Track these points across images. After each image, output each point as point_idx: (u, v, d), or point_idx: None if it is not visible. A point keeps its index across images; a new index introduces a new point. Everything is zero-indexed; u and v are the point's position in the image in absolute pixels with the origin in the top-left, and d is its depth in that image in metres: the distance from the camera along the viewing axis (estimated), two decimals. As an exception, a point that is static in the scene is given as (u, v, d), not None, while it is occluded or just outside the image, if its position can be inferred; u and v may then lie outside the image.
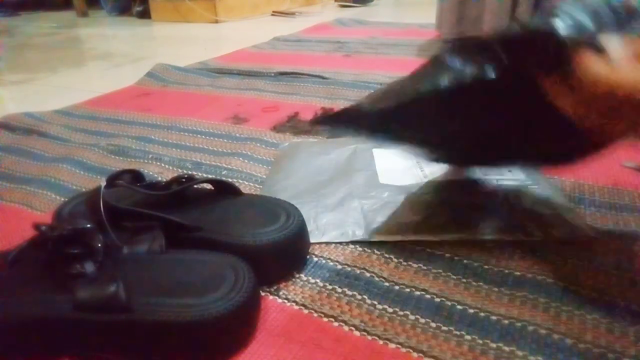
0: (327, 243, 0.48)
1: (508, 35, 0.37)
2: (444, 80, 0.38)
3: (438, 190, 0.56)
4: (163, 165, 0.69)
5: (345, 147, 0.68)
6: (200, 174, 0.65)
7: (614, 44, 0.33)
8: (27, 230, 0.41)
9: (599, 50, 0.33)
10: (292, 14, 2.29)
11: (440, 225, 0.49)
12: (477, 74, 0.36)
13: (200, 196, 0.49)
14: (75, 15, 2.55)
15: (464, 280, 0.42)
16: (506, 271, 0.43)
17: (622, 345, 0.35)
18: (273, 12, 2.33)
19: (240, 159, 0.69)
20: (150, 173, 0.65)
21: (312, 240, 0.48)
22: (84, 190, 0.61)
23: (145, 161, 0.70)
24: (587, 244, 0.46)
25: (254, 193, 0.59)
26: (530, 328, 0.37)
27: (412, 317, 0.39)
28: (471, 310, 0.39)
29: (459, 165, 0.56)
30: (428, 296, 0.41)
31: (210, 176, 0.60)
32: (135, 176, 0.50)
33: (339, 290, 0.42)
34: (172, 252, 0.41)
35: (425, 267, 0.44)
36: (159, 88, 1.10)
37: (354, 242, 0.48)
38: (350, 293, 0.42)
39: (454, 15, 1.36)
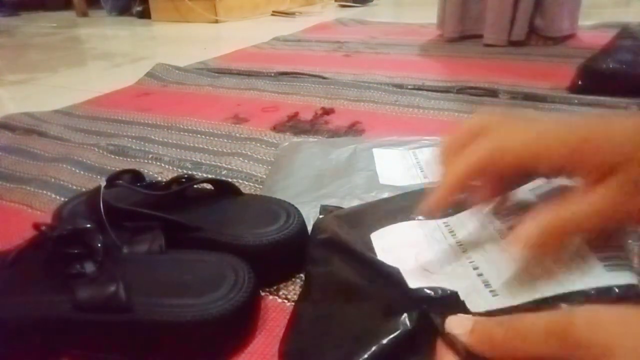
0: (327, 243, 0.48)
1: None
2: None
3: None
4: (163, 165, 0.69)
5: (345, 147, 0.68)
6: (200, 174, 0.65)
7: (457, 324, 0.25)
8: (27, 230, 0.41)
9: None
10: (292, 14, 2.29)
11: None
12: None
13: (200, 196, 0.49)
14: (75, 15, 2.55)
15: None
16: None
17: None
18: (273, 12, 2.33)
19: (240, 159, 0.69)
20: (150, 173, 0.65)
21: (312, 240, 0.48)
22: (84, 190, 0.61)
23: (145, 161, 0.70)
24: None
25: (254, 193, 0.59)
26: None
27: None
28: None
29: None
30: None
31: (210, 176, 0.60)
32: (135, 176, 0.50)
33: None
34: (172, 252, 0.41)
35: (425, 267, 0.44)
36: (159, 88, 1.10)
37: (354, 242, 0.48)
38: (350, 293, 0.42)
39: (456, 14, 1.37)
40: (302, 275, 0.44)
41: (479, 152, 0.28)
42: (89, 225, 0.39)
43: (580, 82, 0.90)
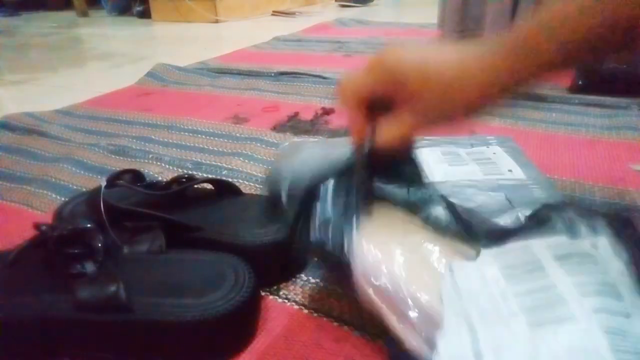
0: (327, 243, 0.48)
1: None
2: None
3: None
4: (163, 165, 0.69)
5: (346, 147, 0.68)
6: (200, 174, 0.64)
7: None
8: (27, 230, 0.41)
9: None
10: (292, 13, 2.29)
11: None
12: None
13: (200, 196, 0.49)
14: (75, 15, 2.55)
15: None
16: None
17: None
18: (273, 12, 2.33)
19: (240, 159, 0.69)
20: (151, 173, 0.65)
21: (312, 240, 0.48)
22: (84, 190, 0.61)
23: (146, 161, 0.70)
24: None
25: (254, 193, 0.59)
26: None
27: (412, 317, 0.39)
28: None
29: None
30: (428, 296, 0.41)
31: (210, 176, 0.60)
32: (136, 176, 0.50)
33: (339, 290, 0.42)
34: (172, 252, 0.41)
35: (425, 267, 0.44)
36: (159, 88, 1.10)
37: (354, 242, 0.48)
38: (350, 293, 0.42)
39: (457, 14, 1.37)
40: (302, 275, 0.44)
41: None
42: (89, 225, 0.39)
43: (580, 82, 0.90)
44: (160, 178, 0.64)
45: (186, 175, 0.50)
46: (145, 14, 2.33)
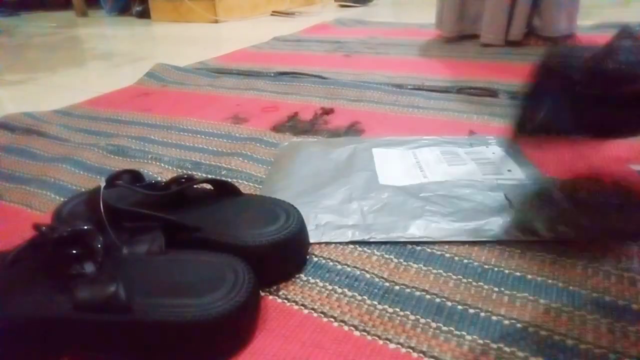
0: (327, 243, 0.48)
1: None
2: None
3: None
4: (163, 165, 0.69)
5: (345, 147, 0.68)
6: (200, 174, 0.64)
7: None
8: (26, 231, 0.41)
9: None
10: (292, 13, 2.29)
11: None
12: None
13: (200, 196, 0.49)
14: (75, 15, 2.55)
15: (465, 280, 0.42)
16: (507, 271, 0.43)
17: (623, 345, 0.35)
18: (273, 12, 2.33)
19: (240, 159, 0.69)
20: (150, 173, 0.65)
21: (311, 241, 0.48)
22: (83, 190, 0.61)
23: (145, 161, 0.70)
24: (587, 244, 0.46)
25: (254, 193, 0.59)
26: (531, 329, 0.37)
27: (412, 317, 0.39)
28: (472, 311, 0.39)
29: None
30: (428, 296, 0.41)
31: (210, 176, 0.60)
32: (135, 176, 0.50)
33: (339, 290, 0.42)
34: (172, 253, 0.41)
35: (425, 268, 0.44)
36: (158, 88, 1.09)
37: (353, 243, 0.48)
38: (350, 293, 0.42)
39: (454, 14, 1.37)
40: (302, 275, 0.44)
41: None
42: (88, 227, 0.39)
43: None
44: (159, 178, 0.64)
45: (185, 176, 0.50)
46: (144, 14, 2.33)
